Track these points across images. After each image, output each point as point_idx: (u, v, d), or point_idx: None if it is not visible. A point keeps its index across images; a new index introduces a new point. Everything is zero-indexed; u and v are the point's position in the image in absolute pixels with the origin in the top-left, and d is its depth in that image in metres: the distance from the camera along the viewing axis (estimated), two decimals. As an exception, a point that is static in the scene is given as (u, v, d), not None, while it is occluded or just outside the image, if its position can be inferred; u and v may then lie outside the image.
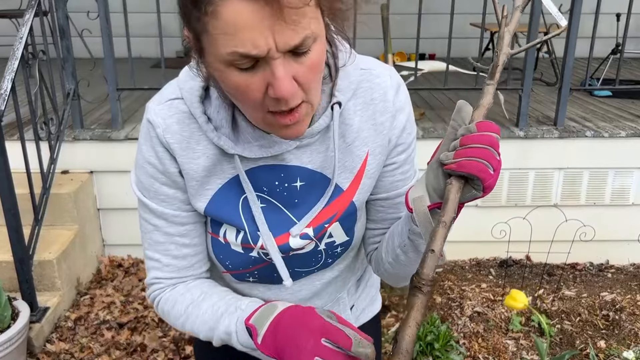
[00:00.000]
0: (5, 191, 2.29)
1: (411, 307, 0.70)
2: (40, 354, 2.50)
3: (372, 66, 0.93)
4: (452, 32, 3.13)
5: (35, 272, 2.57)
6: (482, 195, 0.76)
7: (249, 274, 1.00)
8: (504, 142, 3.10)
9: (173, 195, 0.93)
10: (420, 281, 0.70)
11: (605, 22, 4.43)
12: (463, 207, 0.78)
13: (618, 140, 3.14)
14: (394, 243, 0.94)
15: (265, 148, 0.87)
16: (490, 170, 0.73)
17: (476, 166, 0.72)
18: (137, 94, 3.64)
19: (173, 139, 0.88)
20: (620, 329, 2.71)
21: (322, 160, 0.91)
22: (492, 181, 0.74)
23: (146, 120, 0.90)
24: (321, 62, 0.76)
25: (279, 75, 0.70)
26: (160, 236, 0.95)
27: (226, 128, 0.87)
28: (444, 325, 2.52)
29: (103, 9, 2.90)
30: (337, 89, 0.89)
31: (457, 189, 0.74)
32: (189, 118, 0.88)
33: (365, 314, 1.24)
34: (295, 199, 0.93)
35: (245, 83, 0.72)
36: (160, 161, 0.90)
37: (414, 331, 0.68)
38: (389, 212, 1.00)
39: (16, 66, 2.40)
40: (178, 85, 0.89)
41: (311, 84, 0.75)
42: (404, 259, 0.92)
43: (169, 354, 2.55)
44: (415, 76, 3.35)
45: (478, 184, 0.74)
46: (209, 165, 0.89)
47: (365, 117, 0.91)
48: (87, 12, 3.12)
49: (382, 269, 1.02)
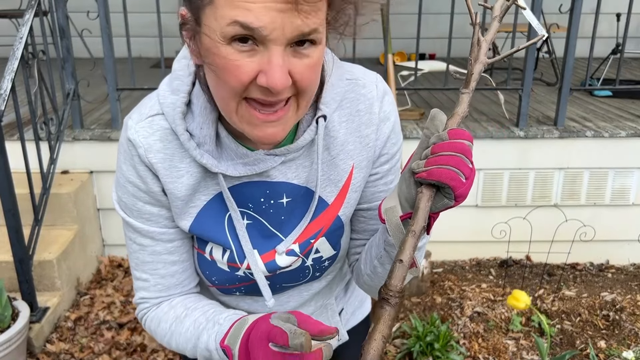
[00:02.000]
0: (5, 191, 2.29)
1: (378, 319, 0.67)
2: (40, 354, 2.50)
3: (357, 76, 0.90)
4: (452, 32, 3.13)
5: (35, 272, 2.57)
6: (454, 204, 0.73)
7: (235, 289, 0.98)
8: (504, 142, 3.11)
9: (158, 213, 0.90)
10: (388, 292, 0.68)
11: (605, 22, 4.44)
12: (437, 216, 0.76)
13: (618, 140, 3.14)
14: (372, 254, 0.92)
15: (249, 166, 0.84)
16: (462, 178, 0.70)
17: (446, 174, 0.70)
18: (137, 94, 3.64)
19: (156, 158, 0.85)
20: (621, 329, 2.71)
21: (307, 174, 0.89)
22: (464, 190, 0.71)
23: (126, 139, 0.86)
24: (319, 67, 0.74)
25: (275, 63, 0.68)
26: (147, 256, 0.93)
27: (209, 145, 0.83)
28: (444, 325, 2.52)
29: (103, 9, 2.89)
30: (322, 102, 0.86)
31: (428, 198, 0.72)
32: (171, 134, 0.84)
33: (355, 316, 1.23)
34: (281, 216, 0.91)
35: (237, 63, 0.69)
36: (143, 180, 0.87)
37: (380, 345, 0.66)
38: (370, 223, 0.98)
39: (16, 66, 2.39)
40: (158, 100, 0.85)
41: (306, 84, 0.73)
42: (381, 270, 0.91)
43: (169, 354, 2.55)
44: (415, 76, 3.35)
45: (449, 193, 0.71)
46: (193, 183, 0.87)
47: (350, 129, 0.89)
48: (87, 12, 3.12)
49: (361, 280, 1.00)
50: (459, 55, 5.45)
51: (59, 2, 2.94)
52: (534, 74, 3.32)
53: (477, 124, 3.20)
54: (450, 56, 3.24)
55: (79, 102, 3.10)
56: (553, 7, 3.67)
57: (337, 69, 0.88)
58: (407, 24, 4.32)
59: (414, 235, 0.71)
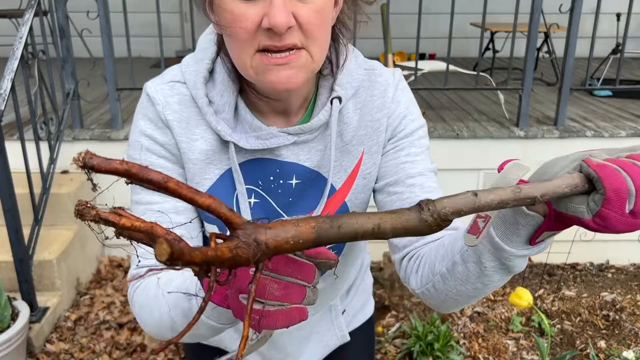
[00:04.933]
0: (5, 191, 2.29)
1: None
2: (40, 354, 2.50)
3: (375, 67, 0.93)
4: (452, 31, 3.13)
5: (35, 272, 2.56)
6: (592, 224, 0.53)
7: None
8: (504, 142, 3.11)
9: (171, 167, 0.88)
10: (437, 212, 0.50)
11: (605, 22, 4.43)
12: (551, 223, 0.58)
13: (618, 140, 3.14)
14: (454, 248, 0.75)
15: (261, 140, 0.85)
16: (627, 205, 0.52)
17: (619, 182, 0.51)
18: (137, 94, 3.62)
19: (172, 116, 0.86)
20: (621, 329, 2.71)
21: (319, 158, 0.90)
22: (618, 217, 0.52)
23: (145, 95, 0.87)
24: (326, 12, 0.76)
25: (276, 2, 0.71)
26: (152, 214, 0.85)
27: (227, 113, 0.85)
28: (444, 325, 2.52)
29: (103, 9, 2.89)
30: (338, 84, 0.87)
31: (571, 185, 0.53)
32: (189, 101, 0.86)
33: (357, 318, 1.22)
34: (289, 198, 0.91)
35: (242, 12, 0.72)
36: (160, 131, 0.86)
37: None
38: (404, 197, 0.88)
39: (16, 66, 2.39)
40: (181, 70, 0.88)
41: (313, 29, 0.75)
42: (461, 270, 0.74)
43: (169, 354, 2.55)
44: (415, 76, 3.35)
45: (597, 203, 0.52)
46: (208, 149, 0.87)
47: (363, 114, 0.90)
48: (86, 12, 3.12)
49: (424, 281, 0.82)
50: (459, 55, 5.46)
51: (58, 2, 2.94)
52: (534, 74, 3.31)
53: (477, 124, 3.20)
54: (450, 56, 3.24)
55: (78, 102, 3.10)
56: (553, 7, 3.66)
57: (356, 58, 0.90)
58: (407, 23, 4.32)
59: (516, 193, 0.51)
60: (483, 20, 3.16)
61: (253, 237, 0.46)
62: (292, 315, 0.55)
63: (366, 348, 1.25)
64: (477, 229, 0.62)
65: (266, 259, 0.48)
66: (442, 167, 1.43)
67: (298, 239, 0.48)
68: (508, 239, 0.63)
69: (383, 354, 2.55)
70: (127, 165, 0.42)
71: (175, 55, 5.56)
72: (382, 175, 0.92)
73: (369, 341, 1.27)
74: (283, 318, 0.55)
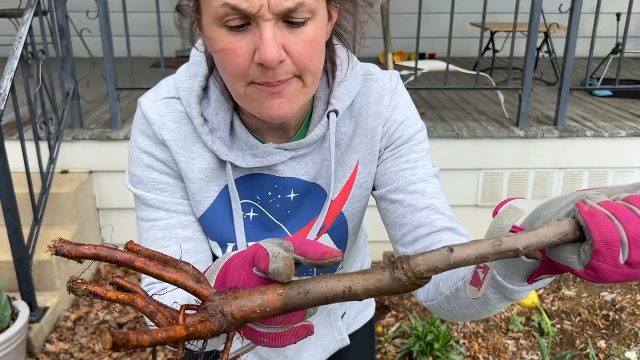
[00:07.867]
0: (4, 191, 2.29)
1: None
2: (39, 354, 2.50)
3: (372, 72, 0.91)
4: (452, 31, 3.13)
5: (34, 272, 2.56)
6: (584, 275, 0.50)
7: None
8: (503, 142, 3.11)
9: (174, 183, 0.87)
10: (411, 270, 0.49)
11: (605, 22, 4.43)
12: (545, 271, 0.57)
13: (618, 140, 3.14)
14: (457, 273, 0.76)
15: (258, 158, 0.84)
16: (620, 256, 0.48)
17: (610, 232, 0.48)
18: (137, 94, 3.63)
19: (169, 136, 0.84)
20: (621, 329, 2.71)
21: (317, 170, 0.89)
22: (607, 267, 0.48)
23: (141, 114, 0.86)
24: (318, 41, 0.74)
25: (265, 37, 0.69)
26: (159, 231, 0.87)
27: (223, 131, 0.84)
28: (444, 325, 2.52)
29: (102, 9, 2.89)
30: (334, 97, 0.86)
31: (559, 234, 0.50)
32: (185, 118, 0.85)
33: (357, 320, 1.21)
34: (287, 210, 0.91)
35: (233, 45, 0.71)
36: (159, 148, 0.86)
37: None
38: (406, 204, 0.87)
39: (15, 66, 2.39)
40: (175, 85, 0.86)
41: (305, 61, 0.73)
42: (464, 297, 0.75)
43: (169, 354, 2.55)
44: (415, 76, 3.35)
45: (587, 254, 0.49)
46: (207, 167, 0.86)
47: (358, 122, 0.89)
48: (86, 12, 3.12)
49: (430, 297, 0.83)
50: (459, 55, 5.46)
51: (58, 1, 2.93)
52: (534, 74, 3.31)
53: (477, 124, 3.20)
54: (450, 56, 3.24)
55: (78, 102, 3.09)
56: (553, 7, 3.66)
57: (352, 67, 0.88)
58: (407, 23, 4.32)
59: (496, 246, 0.49)
60: (483, 20, 3.16)
61: (219, 308, 0.48)
62: (299, 333, 0.56)
63: (366, 351, 1.24)
64: (478, 280, 0.61)
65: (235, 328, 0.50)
66: (442, 167, 1.43)
67: (265, 308, 0.49)
68: (509, 278, 0.63)
69: (383, 353, 2.55)
70: (94, 250, 0.48)
71: (175, 55, 5.56)
72: (383, 182, 0.91)
73: (370, 344, 1.26)
74: (290, 337, 0.56)
